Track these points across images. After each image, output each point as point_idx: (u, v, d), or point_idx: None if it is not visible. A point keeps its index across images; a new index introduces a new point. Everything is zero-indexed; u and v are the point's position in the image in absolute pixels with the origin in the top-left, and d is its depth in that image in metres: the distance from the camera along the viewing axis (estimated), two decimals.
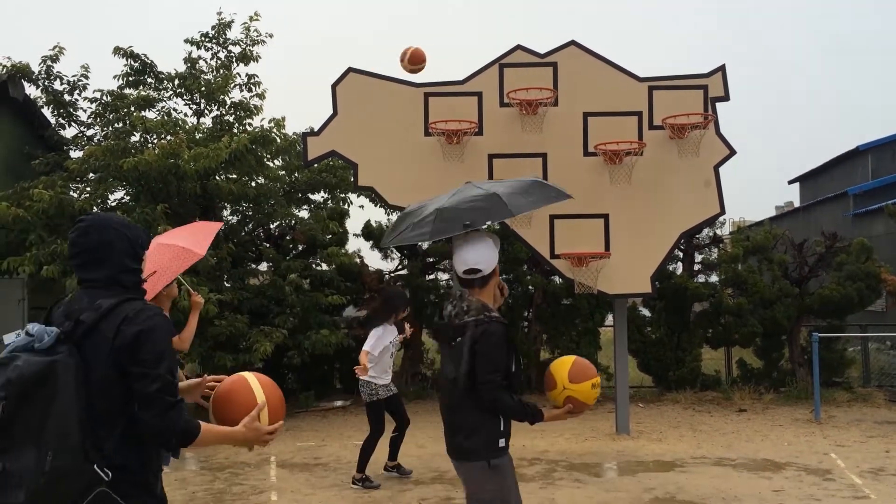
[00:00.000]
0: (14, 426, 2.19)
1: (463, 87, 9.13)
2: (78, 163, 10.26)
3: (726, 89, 9.16)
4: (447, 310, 3.49)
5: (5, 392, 2.19)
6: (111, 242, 2.49)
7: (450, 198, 3.65)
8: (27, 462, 2.17)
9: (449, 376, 3.42)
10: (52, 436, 2.20)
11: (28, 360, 2.23)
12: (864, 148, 23.47)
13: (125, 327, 2.36)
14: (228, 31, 11.74)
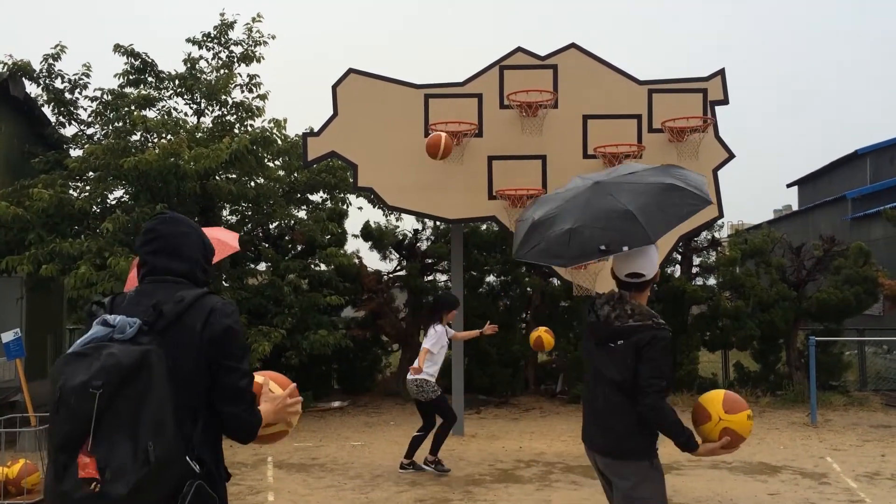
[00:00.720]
0: (105, 417, 2.11)
1: (463, 89, 9.16)
2: (78, 161, 10.27)
3: (725, 93, 9.19)
4: (603, 310, 3.44)
5: (102, 380, 2.12)
6: (188, 234, 2.52)
7: (580, 208, 3.47)
8: (122, 455, 2.11)
9: (610, 378, 3.37)
10: (149, 427, 2.15)
11: (122, 349, 2.18)
12: (862, 152, 23.51)
13: (214, 320, 2.36)
14: (231, 31, 11.75)
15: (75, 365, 2.18)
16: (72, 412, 2.12)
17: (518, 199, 8.81)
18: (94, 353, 2.18)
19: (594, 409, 3.49)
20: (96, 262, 9.08)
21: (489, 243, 12.96)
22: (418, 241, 13.53)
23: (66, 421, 2.13)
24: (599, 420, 3.46)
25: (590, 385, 3.53)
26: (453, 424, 7.75)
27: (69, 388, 2.13)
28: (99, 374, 2.12)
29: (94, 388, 2.11)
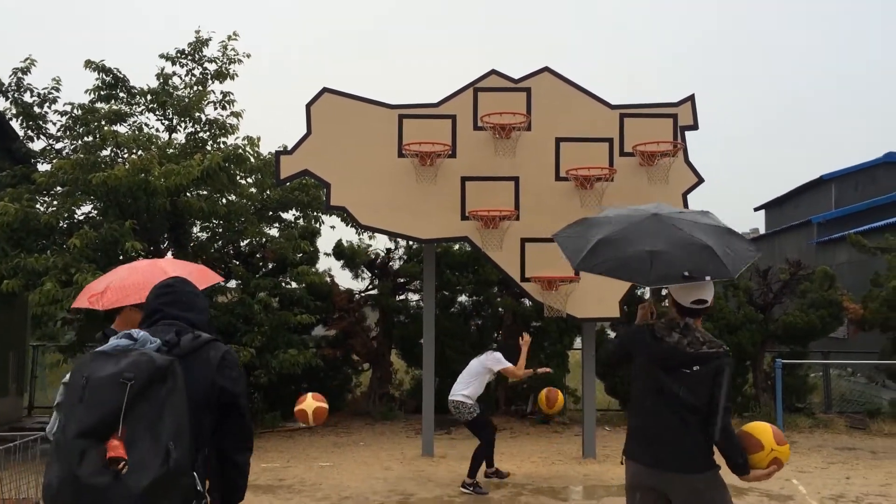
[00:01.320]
0: (132, 412, 2.17)
1: (437, 110, 9.20)
2: (46, 176, 10.13)
3: (695, 118, 9.35)
4: (672, 337, 3.66)
5: (133, 373, 2.19)
6: (198, 295, 2.82)
7: (652, 234, 3.72)
8: (143, 450, 2.15)
9: (686, 401, 3.59)
10: (171, 429, 2.21)
11: (151, 352, 2.30)
12: (827, 178, 23.99)
13: (228, 365, 2.57)
14: (205, 48, 11.72)
15: (102, 361, 2.26)
16: (99, 401, 2.17)
17: (491, 219, 8.85)
18: (122, 354, 2.28)
19: (663, 429, 3.66)
20: (62, 278, 8.93)
21: (461, 263, 12.98)
22: (391, 260, 13.51)
23: (92, 408, 2.17)
24: (672, 439, 3.63)
25: (653, 408, 3.70)
26: (491, 448, 7.90)
27: (97, 378, 2.20)
28: (130, 368, 2.21)
29: (126, 378, 2.18)
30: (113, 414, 2.15)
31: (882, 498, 7.61)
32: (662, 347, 3.66)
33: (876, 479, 8.49)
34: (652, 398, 3.70)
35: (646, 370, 3.75)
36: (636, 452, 3.78)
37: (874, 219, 19.69)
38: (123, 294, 4.29)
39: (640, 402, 3.79)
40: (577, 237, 4.00)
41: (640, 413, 3.78)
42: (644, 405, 3.75)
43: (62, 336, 14.86)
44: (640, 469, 3.75)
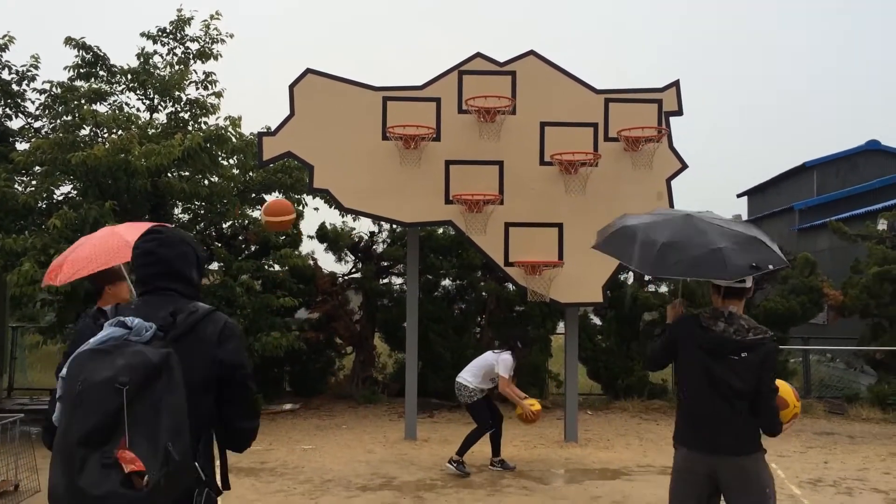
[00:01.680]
0: (128, 417, 2.11)
1: (422, 93, 9.13)
2: (24, 155, 9.97)
3: (680, 104, 9.34)
4: (718, 326, 3.87)
5: (128, 377, 2.12)
6: (186, 254, 2.60)
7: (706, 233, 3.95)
8: (142, 453, 2.10)
9: (735, 387, 3.78)
10: (169, 429, 2.16)
11: (146, 349, 2.21)
12: (809, 165, 24.12)
13: (228, 337, 2.50)
14: (187, 27, 11.55)
15: (98, 361, 2.17)
16: (96, 407, 2.11)
17: (475, 204, 8.82)
18: (117, 351, 2.19)
19: (714, 415, 3.85)
20: (41, 258, 8.81)
21: (445, 247, 12.96)
22: (374, 243, 13.46)
23: (89, 415, 2.10)
24: (723, 424, 3.84)
25: (702, 394, 3.88)
26: (484, 433, 7.86)
27: (92, 383, 2.13)
28: (125, 371, 2.13)
29: (121, 384, 2.11)
30: (109, 420, 2.11)
31: (859, 482, 7.71)
32: (710, 336, 3.85)
33: (854, 463, 8.60)
34: (702, 386, 3.88)
35: (695, 359, 3.91)
36: (688, 439, 3.96)
37: (855, 206, 19.85)
38: (77, 267, 4.20)
39: (690, 391, 3.95)
40: (629, 244, 4.10)
41: (692, 401, 3.95)
42: (695, 393, 3.92)
43: (42, 317, 14.71)
44: (692, 455, 3.94)
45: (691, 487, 3.94)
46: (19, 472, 6.89)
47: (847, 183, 22.85)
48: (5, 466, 6.83)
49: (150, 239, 2.59)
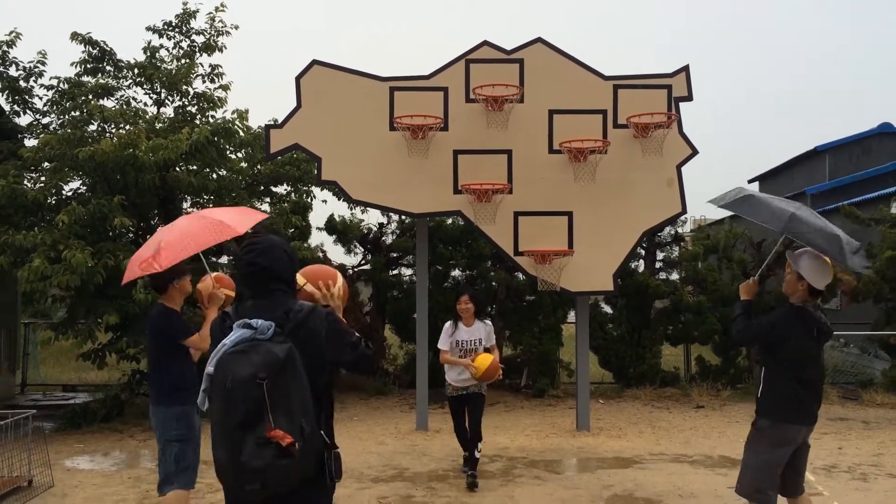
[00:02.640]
0: (274, 402, 2.64)
1: (429, 82, 9.08)
2: (32, 151, 9.97)
3: (689, 89, 9.24)
4: (822, 318, 4.60)
5: (266, 372, 2.65)
6: (281, 259, 3.09)
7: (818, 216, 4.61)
8: (283, 427, 2.63)
9: (820, 362, 4.68)
10: (299, 407, 2.71)
11: (274, 346, 2.74)
12: (822, 149, 23.91)
13: (334, 335, 3.00)
14: (193, 20, 11.51)
15: (238, 361, 2.69)
16: (244, 398, 2.63)
17: (483, 193, 8.77)
18: (252, 350, 2.72)
19: (817, 392, 4.60)
20: (51, 254, 8.83)
21: (454, 237, 12.92)
22: (383, 234, 13.44)
23: (240, 405, 2.63)
24: (819, 399, 4.62)
25: (811, 374, 4.54)
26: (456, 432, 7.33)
27: (238, 379, 2.65)
28: (262, 367, 2.65)
29: (260, 378, 2.64)
30: (255, 407, 2.62)
31: (874, 468, 7.65)
32: (821, 323, 4.52)
33: (868, 448, 8.53)
34: (810, 366, 4.51)
35: (806, 344, 4.50)
36: (798, 415, 4.50)
37: (868, 190, 19.66)
38: (175, 251, 4.39)
39: (798, 372, 4.49)
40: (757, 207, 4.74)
41: (798, 380, 4.48)
42: (803, 374, 4.49)
43: (54, 313, 14.78)
44: (797, 429, 4.51)
45: (784, 457, 4.53)
46: (33, 468, 6.92)
47: (860, 167, 22.64)
48: (19, 462, 6.86)
49: (250, 250, 3.09)
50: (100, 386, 12.55)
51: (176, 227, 4.74)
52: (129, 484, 7.08)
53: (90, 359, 10.25)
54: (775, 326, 4.52)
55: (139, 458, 8.23)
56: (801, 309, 4.53)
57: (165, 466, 4.87)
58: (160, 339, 4.94)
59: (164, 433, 4.86)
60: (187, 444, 4.92)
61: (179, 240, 4.51)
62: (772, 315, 4.62)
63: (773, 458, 4.52)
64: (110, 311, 9.09)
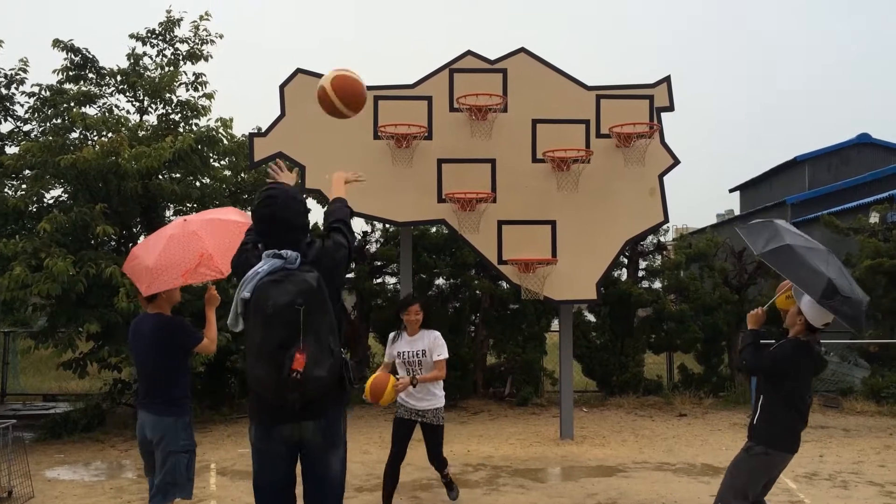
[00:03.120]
0: (308, 324, 3.06)
1: (413, 91, 9.11)
2: (13, 159, 9.90)
3: (671, 100, 9.34)
4: (820, 350, 4.77)
5: (303, 299, 3.06)
6: (298, 209, 3.45)
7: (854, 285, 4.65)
8: (316, 350, 3.09)
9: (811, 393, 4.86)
10: (326, 329, 3.14)
11: (307, 275, 3.14)
12: (801, 159, 24.17)
13: (338, 247, 3.44)
14: (177, 28, 11.49)
15: (277, 288, 3.08)
16: (284, 322, 3.05)
17: (467, 202, 8.80)
18: (287, 279, 3.11)
19: (806, 422, 4.72)
20: (32, 262, 8.76)
21: (438, 246, 12.94)
22: (367, 243, 13.44)
23: (281, 328, 3.05)
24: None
25: (806, 406, 4.69)
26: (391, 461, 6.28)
27: (280, 305, 3.06)
28: (300, 295, 3.06)
29: (299, 304, 3.05)
30: (294, 331, 3.04)
31: (854, 475, 7.73)
32: (823, 359, 4.75)
33: (849, 456, 8.61)
34: (806, 398, 4.69)
35: (804, 376, 4.67)
36: (791, 444, 4.65)
37: (847, 199, 19.89)
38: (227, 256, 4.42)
39: (797, 403, 4.63)
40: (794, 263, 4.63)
41: (797, 411, 4.64)
42: (801, 405, 4.65)
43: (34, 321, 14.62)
44: (786, 459, 4.66)
45: (766, 480, 4.69)
46: (13, 479, 6.84)
47: (839, 176, 22.90)
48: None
49: (269, 203, 3.39)
50: (81, 395, 12.41)
51: (209, 230, 4.71)
52: (110, 494, 7.01)
53: (71, 368, 10.16)
54: (782, 361, 4.62)
55: (121, 469, 8.16)
56: (806, 344, 4.62)
57: (170, 477, 4.73)
58: (167, 349, 4.81)
59: (171, 444, 4.73)
60: (193, 454, 4.89)
61: (231, 244, 4.50)
62: (780, 349, 4.67)
63: (757, 480, 4.65)
64: (91, 319, 9.03)
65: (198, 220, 4.93)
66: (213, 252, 4.54)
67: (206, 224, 4.79)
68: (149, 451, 4.84)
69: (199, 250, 4.56)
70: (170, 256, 4.60)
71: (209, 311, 5.16)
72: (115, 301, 8.81)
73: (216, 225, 4.79)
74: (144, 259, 4.69)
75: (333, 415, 3.39)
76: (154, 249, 4.69)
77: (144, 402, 4.82)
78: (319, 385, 3.12)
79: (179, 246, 4.63)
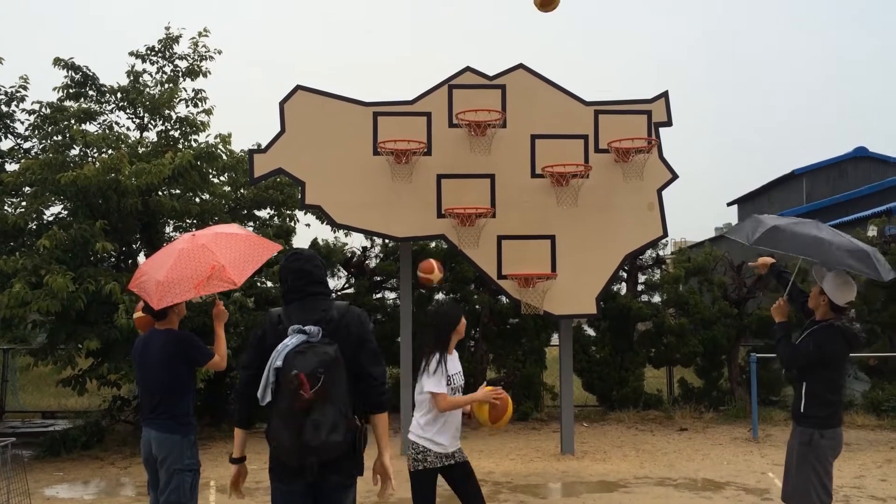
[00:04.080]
0: (325, 392, 3.31)
1: (412, 108, 9.16)
2: (14, 176, 9.92)
3: (669, 115, 9.38)
4: (858, 327, 4.74)
5: (324, 368, 3.33)
6: (320, 266, 3.78)
7: (848, 239, 4.80)
8: (334, 415, 3.33)
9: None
10: (341, 397, 3.39)
11: (327, 347, 3.41)
12: (799, 172, 24.25)
13: (362, 322, 3.65)
14: (176, 45, 11.55)
15: (300, 359, 3.35)
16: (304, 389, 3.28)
17: (467, 217, 8.83)
18: (310, 351, 3.38)
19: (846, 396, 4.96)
20: (32, 279, 8.76)
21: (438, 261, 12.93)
22: (367, 258, 13.44)
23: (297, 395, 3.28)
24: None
25: (845, 383, 4.95)
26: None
27: (307, 373, 3.29)
28: (321, 364, 3.33)
29: (320, 373, 3.31)
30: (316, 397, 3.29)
31: (856, 490, 7.71)
32: (858, 338, 4.68)
33: (850, 471, 8.59)
34: (845, 377, 5.03)
35: (840, 360, 4.74)
36: (836, 421, 4.73)
37: (845, 213, 19.94)
38: (241, 267, 4.67)
39: (838, 384, 4.75)
40: (786, 238, 4.85)
41: (838, 392, 4.76)
42: (841, 385, 4.81)
43: (33, 338, 14.60)
44: (839, 434, 4.75)
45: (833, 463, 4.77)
46: (11, 497, 6.81)
47: (836, 190, 22.97)
48: None
49: (296, 259, 3.75)
50: (80, 412, 12.37)
51: (218, 243, 4.74)
52: None
53: (70, 385, 10.14)
54: (822, 348, 4.66)
55: (120, 486, 8.12)
56: (840, 328, 4.67)
57: (175, 496, 4.70)
58: (179, 365, 4.80)
59: (177, 462, 4.71)
60: (198, 473, 4.86)
61: (241, 255, 4.68)
62: (815, 337, 4.72)
63: (830, 466, 4.73)
64: (91, 336, 9.02)
65: (207, 234, 4.96)
66: (224, 263, 4.58)
67: (215, 237, 4.83)
68: (154, 467, 4.82)
69: (211, 262, 4.59)
70: (181, 270, 4.62)
71: (218, 327, 5.14)
72: (114, 318, 8.81)
73: (225, 238, 4.83)
74: (154, 274, 4.70)
75: (347, 466, 3.59)
76: (164, 264, 4.70)
77: (150, 419, 4.80)
78: (334, 448, 3.36)
79: (190, 259, 4.65)
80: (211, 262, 4.58)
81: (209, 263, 4.58)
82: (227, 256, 4.63)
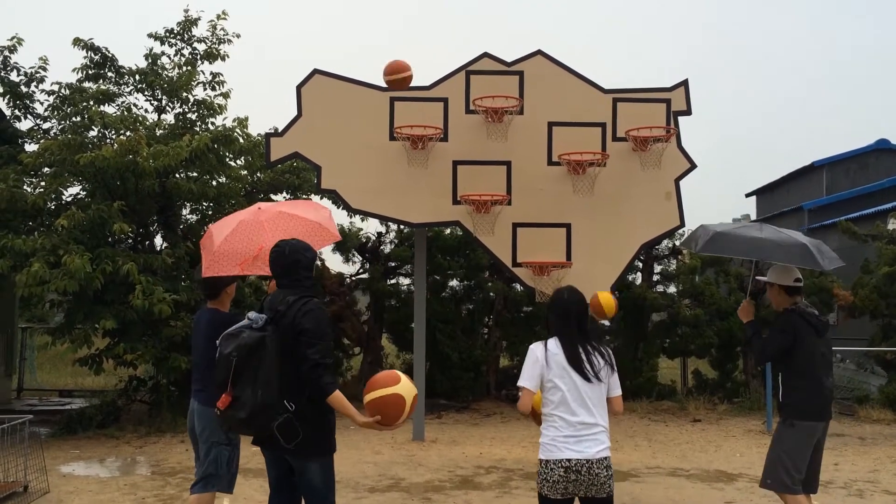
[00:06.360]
0: (240, 374, 3.66)
1: (429, 93, 9.12)
2: (33, 156, 9.99)
3: (688, 104, 9.29)
4: (814, 311, 4.97)
5: (237, 353, 3.66)
6: (299, 261, 3.98)
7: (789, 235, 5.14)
8: (246, 395, 3.65)
9: (829, 359, 4.96)
10: (262, 381, 3.65)
11: (250, 334, 3.70)
12: (819, 164, 23.99)
13: (306, 313, 3.79)
14: (194, 28, 11.56)
15: (228, 341, 3.73)
16: (222, 368, 3.71)
17: (482, 204, 8.80)
18: (238, 334, 3.73)
19: (828, 388, 4.90)
20: (50, 259, 8.84)
21: (453, 248, 12.94)
22: (382, 244, 13.46)
23: (221, 371, 3.71)
24: (831, 394, 4.95)
25: (818, 370, 4.86)
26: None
27: (224, 354, 3.72)
28: (235, 349, 3.68)
29: (232, 356, 3.67)
30: (227, 377, 3.68)
31: (870, 484, 7.66)
32: (820, 321, 4.86)
33: (864, 465, 8.54)
34: (822, 365, 4.87)
35: (812, 344, 4.85)
36: (816, 412, 4.85)
37: (865, 206, 19.72)
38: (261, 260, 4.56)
39: (810, 370, 4.83)
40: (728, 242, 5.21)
41: (812, 377, 4.84)
42: (814, 372, 4.84)
43: (51, 318, 14.75)
44: (816, 426, 4.86)
45: (807, 453, 4.86)
46: (28, 473, 6.90)
47: (857, 182, 22.71)
48: (14, 467, 6.84)
49: (275, 252, 4.00)
50: (96, 392, 12.52)
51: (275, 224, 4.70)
52: (124, 490, 7.06)
53: (87, 364, 10.24)
54: (785, 332, 4.90)
55: (135, 465, 8.21)
56: (796, 310, 4.93)
57: (213, 468, 4.81)
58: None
59: (214, 435, 4.80)
60: (236, 448, 4.94)
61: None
62: (776, 324, 5.01)
63: (797, 453, 4.87)
64: (108, 316, 9.10)
65: (271, 210, 4.92)
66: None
67: (275, 217, 4.78)
68: (195, 438, 4.95)
69: (260, 243, 4.58)
70: (234, 243, 4.65)
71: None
72: (131, 298, 8.88)
73: (286, 219, 4.77)
74: (215, 239, 4.73)
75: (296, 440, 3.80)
76: (223, 231, 4.72)
77: (196, 391, 4.93)
78: (244, 426, 3.74)
79: (245, 234, 4.66)
80: (260, 243, 4.57)
81: (258, 244, 4.58)
82: (277, 240, 4.58)
